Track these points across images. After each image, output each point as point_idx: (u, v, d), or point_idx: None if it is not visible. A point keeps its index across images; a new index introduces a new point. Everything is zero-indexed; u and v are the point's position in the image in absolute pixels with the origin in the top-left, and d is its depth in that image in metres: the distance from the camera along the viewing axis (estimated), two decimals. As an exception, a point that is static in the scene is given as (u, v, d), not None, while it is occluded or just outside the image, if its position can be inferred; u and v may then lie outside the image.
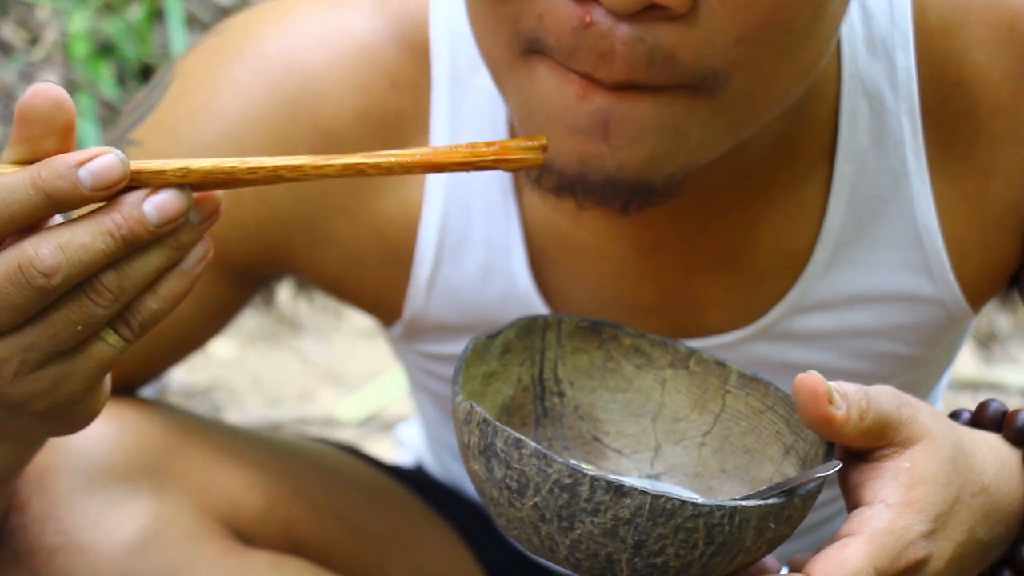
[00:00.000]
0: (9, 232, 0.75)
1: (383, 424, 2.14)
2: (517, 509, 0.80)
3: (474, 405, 0.81)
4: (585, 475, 0.78)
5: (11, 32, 2.46)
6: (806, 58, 0.89)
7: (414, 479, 1.26)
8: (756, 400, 0.91)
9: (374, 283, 1.08)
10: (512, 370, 0.92)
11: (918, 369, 1.11)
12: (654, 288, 1.05)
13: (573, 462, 0.79)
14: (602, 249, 1.04)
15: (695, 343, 1.05)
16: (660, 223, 1.02)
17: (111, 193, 0.74)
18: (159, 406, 1.10)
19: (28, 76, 2.40)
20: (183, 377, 2.17)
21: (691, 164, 0.91)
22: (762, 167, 1.01)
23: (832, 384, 0.83)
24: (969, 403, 2.30)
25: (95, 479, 1.03)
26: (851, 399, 0.83)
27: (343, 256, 1.06)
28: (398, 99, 1.04)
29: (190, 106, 1.04)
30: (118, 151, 0.74)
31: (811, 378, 0.82)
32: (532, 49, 0.87)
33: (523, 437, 0.79)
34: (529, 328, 0.92)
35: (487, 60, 0.92)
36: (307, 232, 1.05)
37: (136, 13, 2.45)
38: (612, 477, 0.78)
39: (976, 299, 1.07)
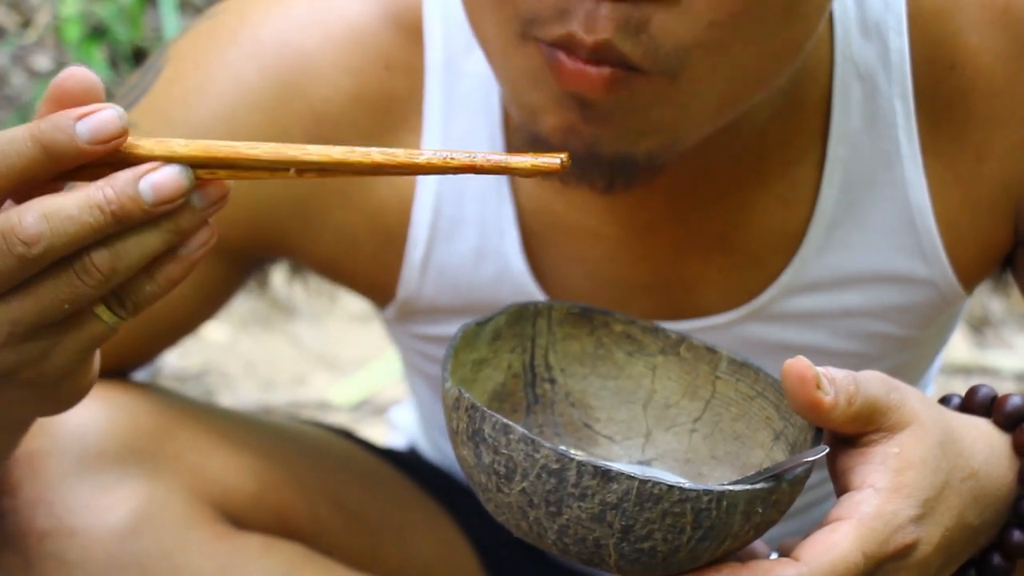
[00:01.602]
0: (7, 187, 0.73)
1: (376, 408, 2.14)
2: (505, 494, 0.80)
3: (462, 391, 0.81)
4: (572, 460, 0.78)
5: (3, 15, 2.46)
6: (781, 43, 0.90)
7: (407, 462, 1.26)
8: (746, 386, 0.91)
9: (368, 265, 1.08)
10: (503, 356, 0.92)
11: (911, 350, 1.12)
12: (648, 269, 1.05)
13: (561, 447, 0.79)
14: (595, 230, 1.04)
15: (689, 324, 1.06)
16: (653, 204, 1.02)
17: (107, 149, 0.73)
18: (151, 389, 1.10)
19: (20, 59, 2.40)
20: (176, 361, 2.17)
21: (672, 143, 0.92)
22: (755, 149, 1.02)
23: (820, 369, 0.83)
24: (962, 388, 2.30)
25: (87, 462, 1.03)
26: (839, 384, 0.83)
27: (337, 239, 1.07)
28: (392, 81, 1.04)
29: (183, 89, 1.04)
30: (118, 107, 0.73)
31: (799, 363, 0.83)
32: (527, 32, 0.88)
33: (511, 422, 0.79)
34: (520, 314, 0.92)
35: (484, 45, 0.93)
36: (301, 215, 1.06)
37: (128, -4, 2.45)
38: (599, 462, 0.78)
39: (969, 280, 1.07)
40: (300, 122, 1.03)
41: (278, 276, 2.38)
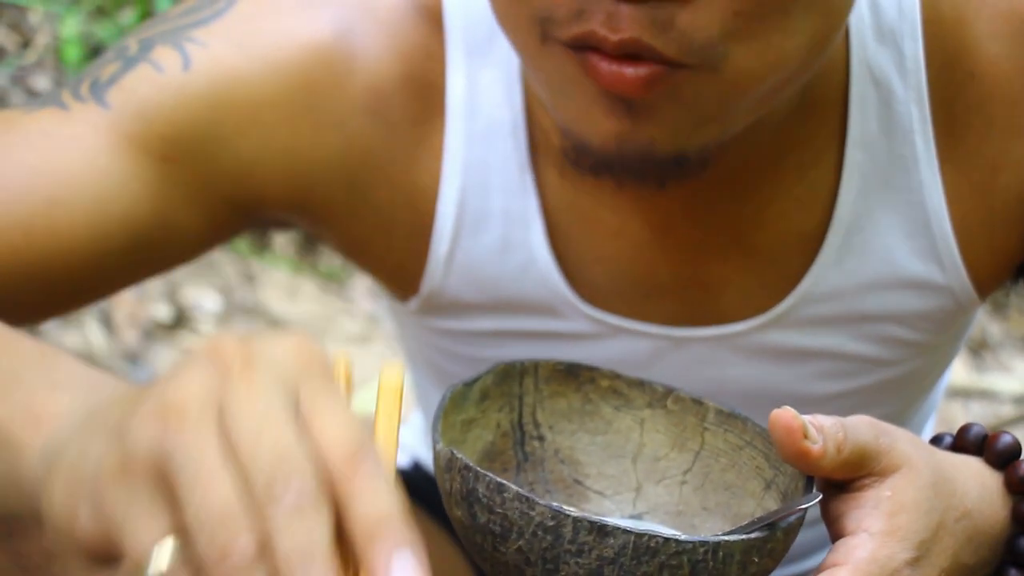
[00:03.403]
0: None
1: (373, 428, 2.14)
2: (502, 554, 0.80)
3: (455, 452, 0.81)
4: (568, 516, 0.78)
5: (3, 36, 2.46)
6: (811, 32, 0.90)
7: (408, 480, 1.26)
8: (735, 436, 0.92)
9: (400, 252, 1.09)
10: (491, 416, 0.92)
11: (926, 356, 1.12)
12: (668, 269, 1.06)
13: (556, 504, 0.78)
14: (617, 227, 1.05)
15: (709, 331, 1.07)
16: (672, 203, 1.03)
17: None
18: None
19: (20, 80, 2.40)
20: (174, 382, 2.16)
21: (721, 134, 0.93)
22: (771, 149, 1.02)
23: (807, 418, 0.83)
24: (961, 411, 2.31)
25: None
26: (827, 432, 0.83)
27: (375, 218, 1.07)
28: (432, 70, 1.05)
29: (261, 27, 1.04)
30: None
31: (786, 414, 0.83)
32: (547, 33, 0.89)
33: (505, 481, 0.79)
34: (506, 374, 0.92)
35: (516, 47, 0.93)
36: (348, 186, 1.06)
37: (128, 17, 2.45)
38: (595, 518, 0.78)
39: (984, 287, 1.08)
40: (361, 93, 1.04)
41: (274, 297, 2.38)
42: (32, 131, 1.00)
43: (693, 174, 0.95)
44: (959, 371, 2.38)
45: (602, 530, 0.77)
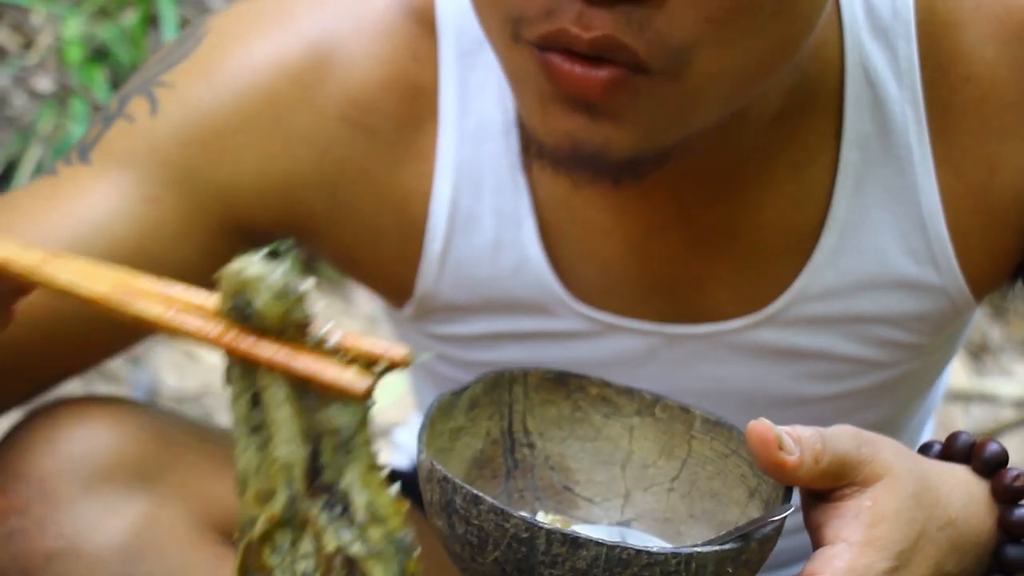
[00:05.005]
0: None
1: (373, 431, 2.14)
2: (479, 564, 0.81)
3: (434, 463, 0.82)
4: (541, 529, 0.79)
5: (5, 36, 2.46)
6: (778, 37, 0.91)
7: (407, 482, 1.26)
8: (721, 444, 0.92)
9: (390, 259, 1.09)
10: (481, 424, 0.93)
11: (922, 358, 1.13)
12: (660, 268, 1.07)
13: (529, 516, 0.79)
14: (608, 226, 1.06)
15: (701, 328, 1.07)
16: (665, 202, 1.04)
17: None
18: (157, 412, 1.11)
19: (22, 81, 2.41)
20: (174, 382, 2.17)
21: (678, 139, 0.93)
22: (762, 147, 1.03)
23: (785, 429, 0.84)
24: (961, 414, 2.30)
25: (94, 484, 1.04)
26: (805, 443, 0.83)
27: (361, 228, 1.08)
28: (418, 72, 1.06)
29: (224, 56, 1.06)
30: None
31: (760, 425, 0.83)
32: (518, 33, 0.89)
33: (480, 494, 0.80)
34: (496, 382, 0.93)
35: (490, 41, 0.95)
36: (329, 197, 1.07)
37: (130, 18, 2.45)
38: (567, 530, 0.79)
39: (980, 289, 1.08)
40: (336, 104, 1.05)
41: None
42: (25, 202, 1.05)
43: (649, 173, 0.95)
44: (959, 375, 2.37)
45: (575, 542, 0.78)
